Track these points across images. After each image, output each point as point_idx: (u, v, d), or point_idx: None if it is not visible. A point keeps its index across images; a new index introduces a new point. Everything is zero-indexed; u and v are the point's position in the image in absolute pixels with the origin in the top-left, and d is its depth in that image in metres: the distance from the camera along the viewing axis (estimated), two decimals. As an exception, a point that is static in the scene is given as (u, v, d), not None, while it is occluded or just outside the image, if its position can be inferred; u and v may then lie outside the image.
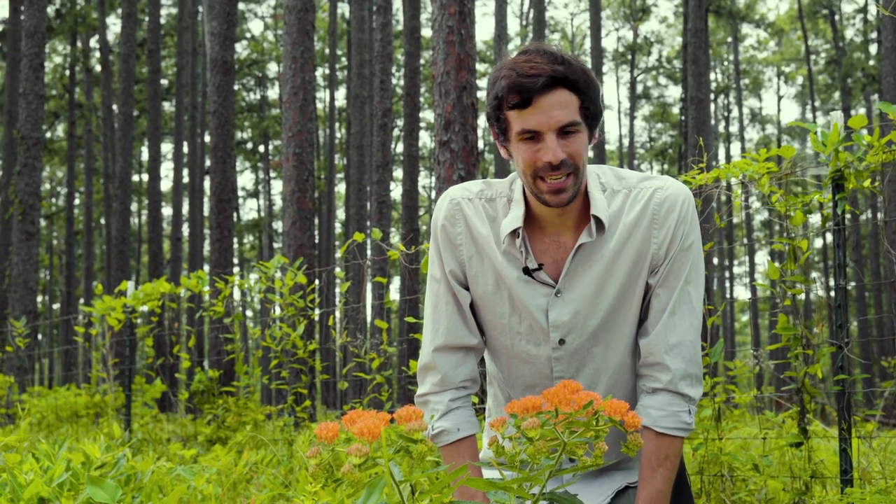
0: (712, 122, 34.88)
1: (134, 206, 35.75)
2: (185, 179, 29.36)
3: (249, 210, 45.39)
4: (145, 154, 35.01)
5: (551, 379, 2.12)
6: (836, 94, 35.60)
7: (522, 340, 2.12)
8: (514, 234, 2.06)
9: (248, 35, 39.27)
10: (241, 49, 38.39)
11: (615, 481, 2.18)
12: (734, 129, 42.81)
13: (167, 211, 36.63)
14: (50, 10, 25.75)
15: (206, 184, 29.54)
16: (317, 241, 30.33)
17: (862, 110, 34.09)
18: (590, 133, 2.00)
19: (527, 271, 2.06)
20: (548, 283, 2.06)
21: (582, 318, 2.07)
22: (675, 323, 2.04)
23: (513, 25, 37.37)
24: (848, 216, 3.58)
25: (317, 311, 7.29)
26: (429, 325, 2.17)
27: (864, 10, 34.60)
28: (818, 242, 34.19)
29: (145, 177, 34.29)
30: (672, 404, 2.04)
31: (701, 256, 2.08)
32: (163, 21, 31.50)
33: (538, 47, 1.96)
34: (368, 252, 19.26)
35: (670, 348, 2.04)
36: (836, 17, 35.21)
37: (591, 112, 1.97)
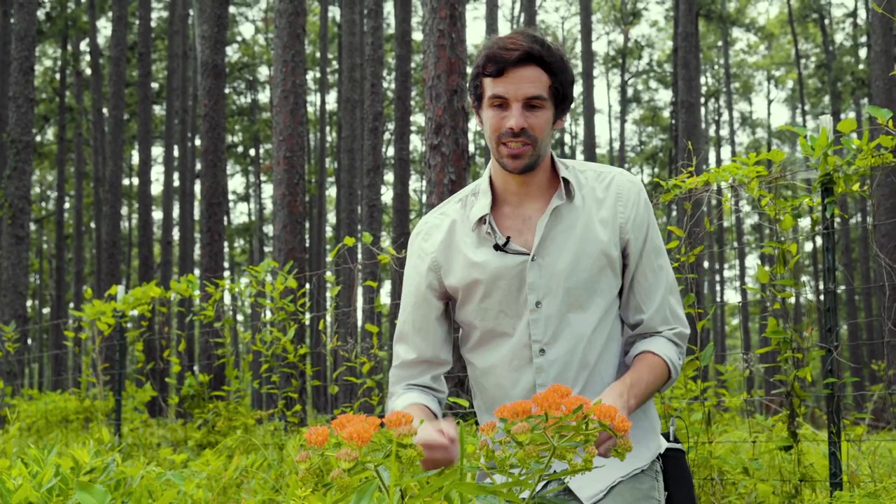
0: (702, 125, 34.98)
1: (124, 210, 35.66)
2: (176, 183, 29.31)
3: (240, 214, 45.35)
4: (135, 158, 34.91)
5: (529, 347, 2.19)
6: (826, 98, 35.72)
7: (502, 315, 2.22)
8: (481, 220, 2.23)
9: (238, 38, 39.25)
10: (232, 52, 38.36)
11: (611, 474, 2.18)
12: (724, 132, 42.93)
13: (157, 215, 36.55)
14: (40, 13, 25.69)
15: (197, 187, 29.50)
16: (307, 244, 30.28)
17: (851, 114, 34.21)
18: (557, 113, 2.18)
19: (497, 247, 2.20)
20: (520, 251, 2.20)
21: (557, 279, 2.18)
22: (663, 299, 2.25)
23: (503, 29, 37.37)
24: (837, 220, 3.60)
25: (307, 316, 7.28)
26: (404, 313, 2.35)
27: (853, 14, 34.74)
28: (808, 246, 34.31)
29: (135, 180, 34.21)
30: (668, 344, 2.22)
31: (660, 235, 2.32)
32: (153, 24, 31.44)
33: (524, 30, 2.17)
34: (359, 256, 19.26)
35: (664, 321, 2.24)
36: (826, 22, 35.35)
37: (560, 94, 2.15)
